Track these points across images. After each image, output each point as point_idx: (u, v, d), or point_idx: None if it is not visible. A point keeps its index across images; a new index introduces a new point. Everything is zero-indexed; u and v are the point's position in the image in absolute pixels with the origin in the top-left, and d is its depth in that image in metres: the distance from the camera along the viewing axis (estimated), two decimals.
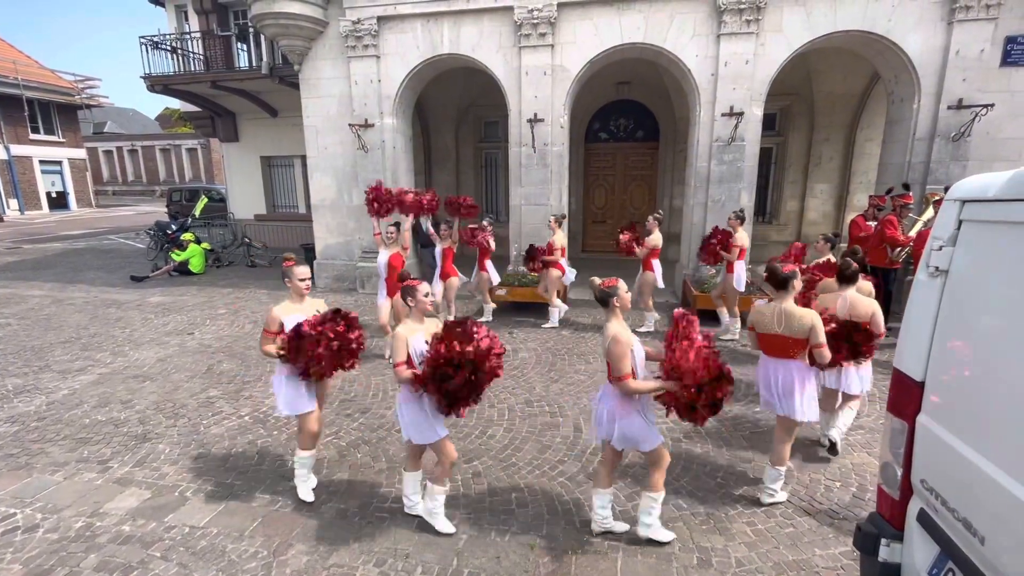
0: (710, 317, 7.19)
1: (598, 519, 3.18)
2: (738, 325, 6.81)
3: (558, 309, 7.39)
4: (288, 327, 3.34)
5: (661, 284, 6.95)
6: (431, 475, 3.28)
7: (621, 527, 3.22)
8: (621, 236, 7.04)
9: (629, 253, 6.99)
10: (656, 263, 6.87)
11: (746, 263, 6.75)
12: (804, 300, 4.07)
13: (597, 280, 3.03)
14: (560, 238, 7.21)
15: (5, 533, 3.26)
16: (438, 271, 6.99)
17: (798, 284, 3.29)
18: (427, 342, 2.95)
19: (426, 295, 3.08)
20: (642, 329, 7.06)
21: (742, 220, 6.62)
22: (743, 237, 6.57)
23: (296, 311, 3.44)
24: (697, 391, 2.75)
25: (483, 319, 7.34)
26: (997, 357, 1.60)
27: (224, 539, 3.20)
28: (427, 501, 3.28)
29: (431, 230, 7.31)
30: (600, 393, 3.11)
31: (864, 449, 4.15)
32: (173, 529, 3.29)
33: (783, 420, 3.40)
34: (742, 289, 6.70)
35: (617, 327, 2.89)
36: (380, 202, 6.21)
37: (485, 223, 7.32)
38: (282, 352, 3.34)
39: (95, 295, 9.58)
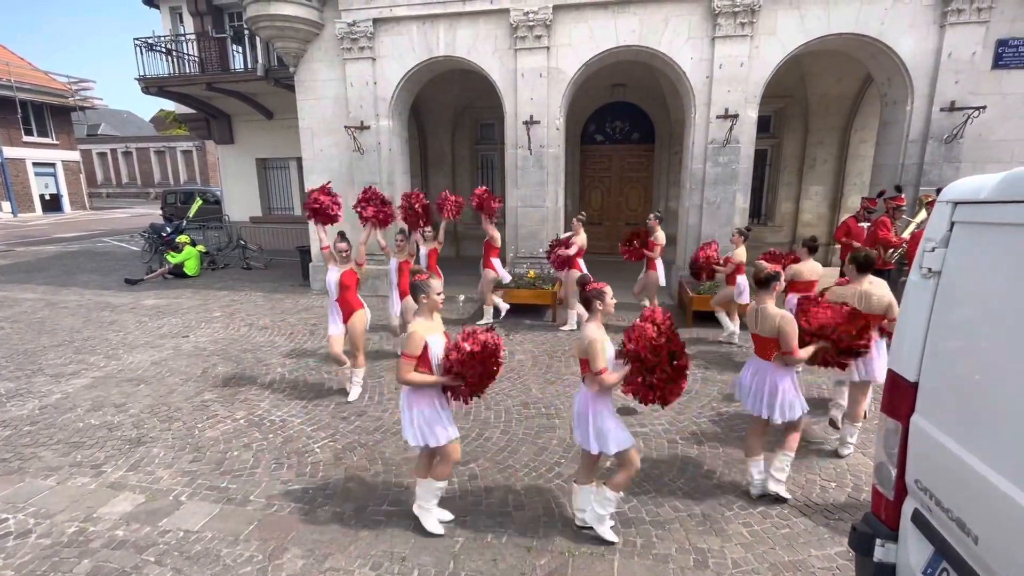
0: (707, 318, 7.22)
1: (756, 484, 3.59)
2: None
3: (491, 309, 7.57)
4: (432, 349, 3.02)
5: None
6: (603, 481, 3.22)
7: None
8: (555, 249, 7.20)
9: (560, 267, 7.18)
10: (581, 262, 7.18)
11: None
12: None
13: (765, 264, 3.43)
14: (494, 237, 7.31)
15: None
16: (394, 288, 6.00)
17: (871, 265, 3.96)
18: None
19: (611, 298, 3.05)
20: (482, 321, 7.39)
21: (661, 220, 7.16)
22: (662, 236, 7.07)
23: (433, 330, 3.09)
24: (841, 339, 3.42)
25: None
26: (990, 357, 1.62)
27: (219, 543, 3.18)
28: (596, 507, 3.15)
29: (382, 242, 6.11)
30: (752, 369, 3.51)
31: (859, 450, 4.17)
32: (167, 534, 3.27)
33: (860, 384, 3.99)
34: (663, 284, 7.28)
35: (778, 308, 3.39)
36: (319, 210, 5.27)
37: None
38: (454, 379, 3.01)
39: (89, 298, 9.52)
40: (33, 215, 26.03)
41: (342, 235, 5.07)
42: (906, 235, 6.73)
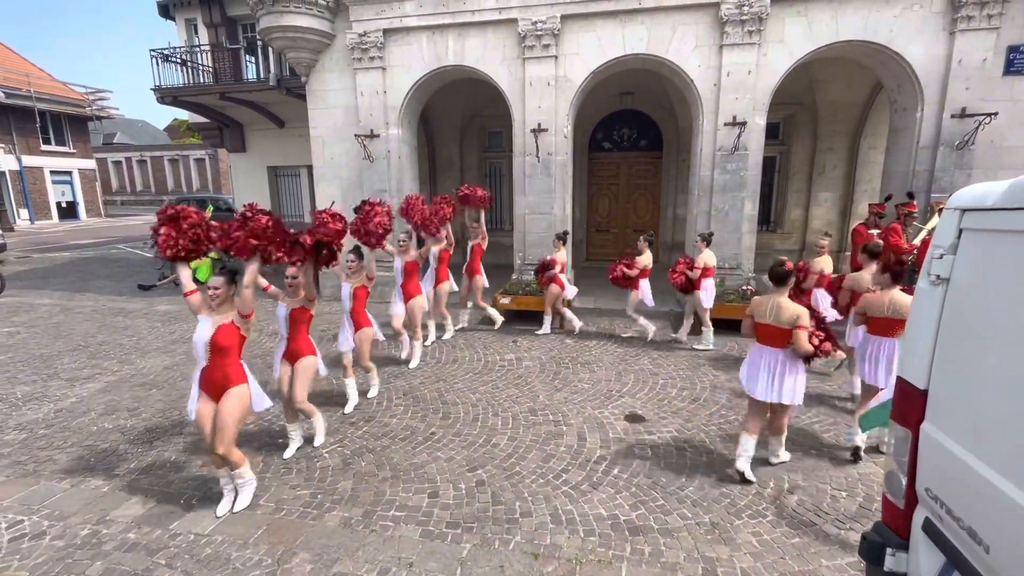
0: (725, 325, 7.14)
1: None
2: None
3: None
4: None
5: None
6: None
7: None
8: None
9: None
10: (450, 270, 7.34)
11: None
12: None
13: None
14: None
15: (12, 540, 3.29)
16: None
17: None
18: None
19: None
20: (451, 332, 7.48)
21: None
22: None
23: None
24: None
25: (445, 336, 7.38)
26: (999, 365, 1.61)
27: (229, 547, 3.21)
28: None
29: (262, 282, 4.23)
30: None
31: (870, 459, 4.12)
32: (178, 537, 3.31)
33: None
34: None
35: None
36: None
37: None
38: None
39: (103, 303, 9.67)
40: (50, 222, 26.50)
41: (230, 274, 3.57)
42: (917, 241, 6.68)
